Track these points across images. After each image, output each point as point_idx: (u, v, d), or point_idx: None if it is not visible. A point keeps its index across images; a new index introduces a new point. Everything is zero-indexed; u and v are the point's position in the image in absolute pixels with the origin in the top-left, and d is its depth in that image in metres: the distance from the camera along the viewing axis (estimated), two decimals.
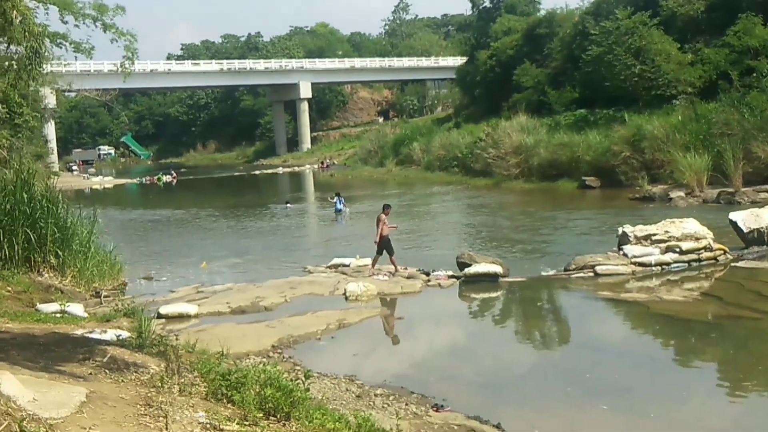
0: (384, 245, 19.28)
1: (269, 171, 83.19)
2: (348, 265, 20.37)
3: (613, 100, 45.61)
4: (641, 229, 19.57)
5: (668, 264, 18.64)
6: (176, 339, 11.46)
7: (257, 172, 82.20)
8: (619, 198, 34.54)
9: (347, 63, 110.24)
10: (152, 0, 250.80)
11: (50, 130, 68.41)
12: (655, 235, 19.23)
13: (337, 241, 27.17)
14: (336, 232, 30.13)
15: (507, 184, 43.56)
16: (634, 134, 38.67)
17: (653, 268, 18.48)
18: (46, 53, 13.44)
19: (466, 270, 18.27)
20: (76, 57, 19.60)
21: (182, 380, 7.93)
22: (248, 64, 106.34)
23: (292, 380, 7.94)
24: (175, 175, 78.21)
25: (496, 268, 18.20)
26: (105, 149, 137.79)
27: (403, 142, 64.37)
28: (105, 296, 16.59)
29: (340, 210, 34.19)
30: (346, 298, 16.65)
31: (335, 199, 34.79)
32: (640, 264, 18.51)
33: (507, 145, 45.96)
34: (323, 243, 27.33)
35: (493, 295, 17.53)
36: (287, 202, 39.35)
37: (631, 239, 19.33)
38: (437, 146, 56.82)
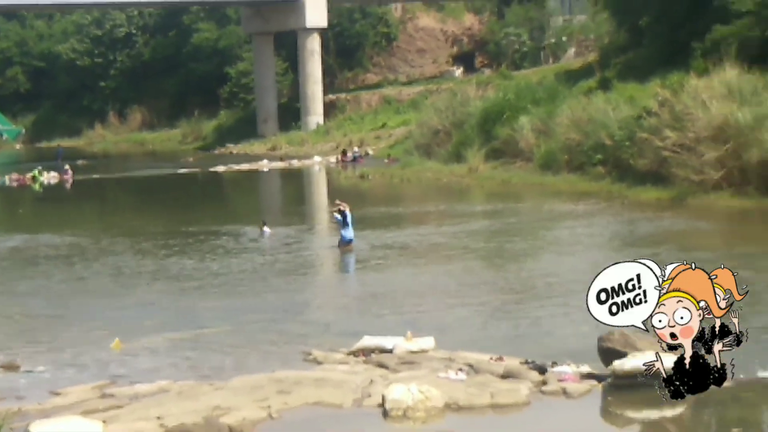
0: None
1: (244, 167, 53.05)
2: (390, 350, 13.22)
3: None
4: None
5: None
6: None
7: (221, 168, 52.04)
8: None
9: None
10: None
11: None
12: None
13: (368, 301, 17.66)
14: (367, 284, 19.83)
15: (699, 200, 26.92)
16: None
17: None
18: None
19: (617, 364, 11.50)
20: None
21: None
22: None
23: None
24: (68, 171, 49.32)
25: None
26: None
27: (501, 114, 40.60)
28: None
29: (348, 240, 22.67)
30: (386, 413, 10.77)
31: (337, 217, 22.97)
32: None
33: (700, 125, 28.09)
34: (341, 306, 17.85)
35: (670, 414, 10.63)
36: (263, 225, 26.26)
37: None
38: (566, 125, 35.51)
